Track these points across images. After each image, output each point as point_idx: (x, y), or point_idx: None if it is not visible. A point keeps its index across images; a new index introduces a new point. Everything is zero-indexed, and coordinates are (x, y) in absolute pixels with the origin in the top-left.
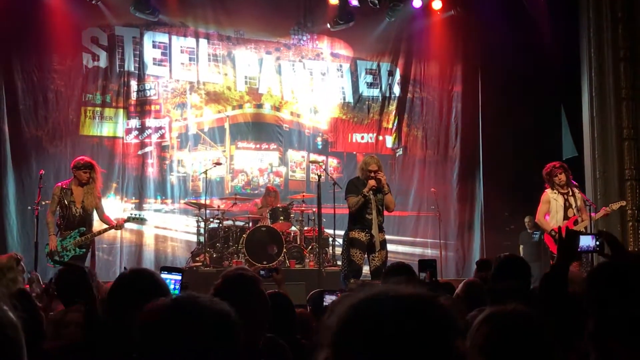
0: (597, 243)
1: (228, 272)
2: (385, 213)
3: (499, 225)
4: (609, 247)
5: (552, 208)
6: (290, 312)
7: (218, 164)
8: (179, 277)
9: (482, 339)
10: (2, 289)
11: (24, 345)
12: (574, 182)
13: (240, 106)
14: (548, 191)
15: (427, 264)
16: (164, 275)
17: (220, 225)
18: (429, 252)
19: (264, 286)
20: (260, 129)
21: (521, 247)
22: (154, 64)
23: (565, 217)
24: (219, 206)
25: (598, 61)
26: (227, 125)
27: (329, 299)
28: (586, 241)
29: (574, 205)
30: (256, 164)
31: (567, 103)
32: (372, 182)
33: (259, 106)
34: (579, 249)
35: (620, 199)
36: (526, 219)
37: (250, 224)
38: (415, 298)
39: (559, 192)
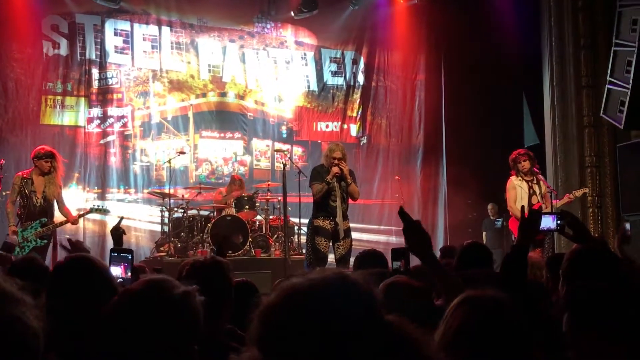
0: (559, 223)
1: (198, 259)
2: (350, 201)
3: (462, 213)
4: (571, 228)
5: (518, 194)
6: (253, 300)
7: (182, 153)
8: (130, 257)
9: (457, 322)
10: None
11: (40, 353)
12: (536, 170)
13: (204, 95)
14: (513, 178)
15: (400, 253)
16: (114, 258)
17: (185, 214)
18: (394, 240)
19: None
20: (225, 118)
21: (484, 233)
22: (116, 52)
23: (530, 205)
24: (183, 195)
25: (559, 50)
26: (190, 114)
27: None
28: (547, 221)
29: (537, 192)
30: (220, 153)
31: (528, 91)
32: (335, 169)
33: (223, 95)
34: (540, 229)
35: (581, 186)
36: (489, 206)
37: (215, 213)
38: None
39: (523, 179)
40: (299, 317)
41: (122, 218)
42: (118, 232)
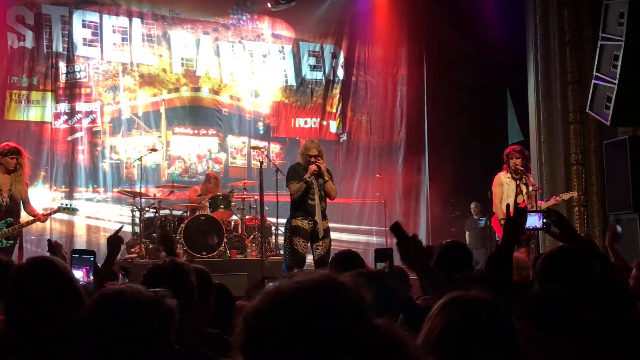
0: (544, 222)
1: (160, 263)
2: (328, 201)
3: (445, 212)
4: (557, 227)
5: (504, 192)
6: (228, 305)
7: (153, 150)
8: (92, 259)
9: (441, 324)
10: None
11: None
12: (521, 169)
13: (177, 89)
14: (502, 174)
15: (384, 254)
16: (75, 260)
17: (157, 214)
18: (374, 240)
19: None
20: (198, 114)
21: (467, 233)
22: (84, 44)
23: (515, 204)
24: (155, 195)
25: (544, 45)
26: (162, 110)
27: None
28: (533, 220)
29: (524, 192)
30: (194, 150)
31: (513, 87)
32: (312, 167)
33: (197, 89)
34: (526, 227)
35: (567, 183)
36: (472, 205)
37: (189, 213)
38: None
39: (512, 176)
40: (285, 322)
41: (122, 226)
42: (115, 243)
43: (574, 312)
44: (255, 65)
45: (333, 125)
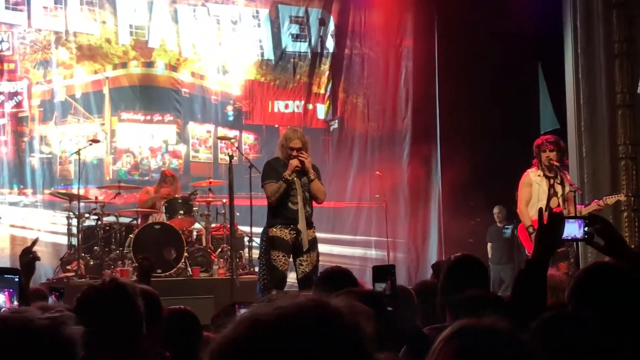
0: (586, 230)
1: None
2: (314, 205)
3: (462, 218)
4: (602, 237)
5: (534, 194)
6: (194, 336)
7: (95, 141)
8: (17, 279)
9: (449, 357)
10: None
11: None
12: (556, 164)
13: (124, 65)
14: (531, 172)
15: (385, 272)
16: None
17: (100, 222)
18: (374, 254)
19: (141, 300)
20: (151, 95)
21: (489, 245)
22: (7, 7)
23: (548, 209)
24: (97, 197)
25: (585, 8)
26: (106, 90)
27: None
28: (571, 229)
29: (560, 194)
30: (146, 141)
31: (545, 62)
32: (294, 162)
33: (149, 65)
34: (563, 238)
35: (613, 182)
36: (495, 210)
37: (140, 220)
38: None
39: (544, 174)
40: (264, 358)
41: (37, 239)
42: (27, 260)
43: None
44: (223, 35)
45: (321, 110)
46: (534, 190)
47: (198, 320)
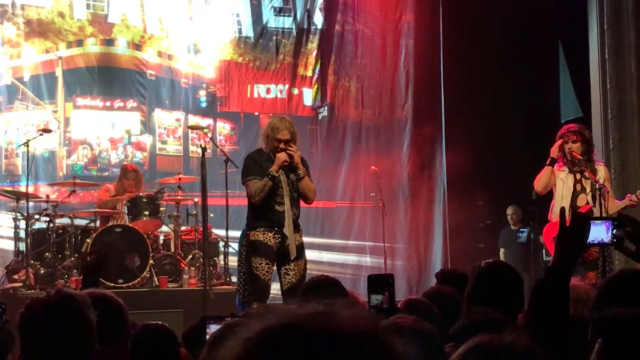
0: (614, 233)
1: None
2: (303, 205)
3: (470, 220)
4: (633, 241)
5: (558, 191)
6: (171, 355)
7: (46, 131)
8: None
9: None
10: None
11: None
12: (578, 157)
13: (80, 42)
14: (556, 170)
15: (382, 282)
16: None
17: (51, 225)
18: (369, 261)
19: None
20: (112, 78)
21: (502, 251)
22: None
23: (574, 207)
24: (48, 196)
25: None
26: (59, 72)
27: (214, 329)
28: (598, 231)
29: (587, 191)
30: (106, 131)
31: (567, 40)
32: (282, 156)
33: (109, 43)
34: (588, 242)
35: None
36: (509, 211)
37: (98, 222)
38: (345, 330)
39: (569, 169)
40: None
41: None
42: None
43: None
44: (195, 8)
45: (308, 95)
46: (558, 187)
47: (175, 337)
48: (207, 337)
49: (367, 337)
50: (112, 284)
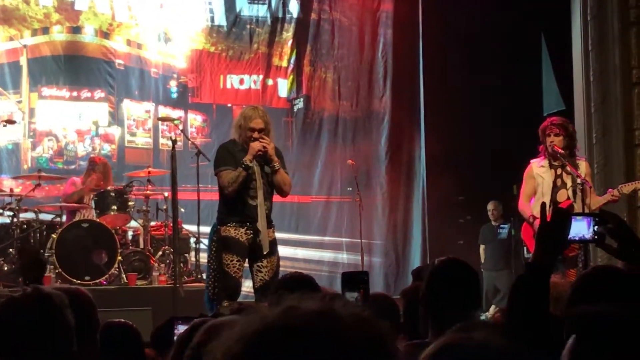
0: (596, 230)
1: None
2: (277, 199)
3: (450, 216)
4: (614, 238)
5: (538, 187)
6: (135, 354)
7: (10, 122)
8: None
9: None
10: None
11: None
12: (560, 152)
13: (46, 30)
14: (534, 162)
15: (356, 279)
16: None
17: (15, 219)
18: (345, 258)
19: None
20: (79, 67)
21: (482, 247)
22: None
23: (555, 202)
24: (12, 189)
25: None
26: (24, 61)
27: (182, 330)
28: (579, 227)
29: (568, 186)
30: (72, 122)
31: (550, 31)
32: (256, 145)
33: (76, 30)
34: (569, 238)
35: (628, 173)
36: (489, 206)
37: (65, 217)
38: (346, 323)
39: (550, 164)
40: None
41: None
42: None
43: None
44: None
45: (283, 86)
46: (538, 184)
47: (140, 336)
48: (175, 337)
49: (371, 339)
50: (79, 281)
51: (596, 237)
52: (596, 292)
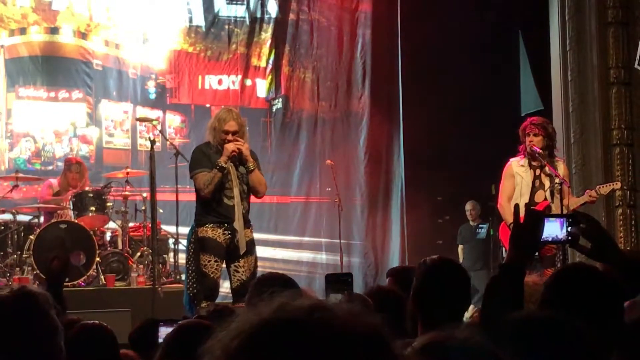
0: (569, 230)
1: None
2: (255, 200)
3: (428, 216)
4: (588, 238)
5: (517, 187)
6: (110, 356)
7: None
8: None
9: None
10: None
11: None
12: (539, 152)
13: (23, 30)
14: (514, 161)
15: (340, 281)
16: None
17: None
18: (324, 259)
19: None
20: (56, 68)
21: (461, 247)
22: None
23: (532, 203)
24: None
25: None
26: (1, 61)
27: (164, 332)
28: (552, 228)
29: (547, 187)
30: (50, 123)
31: (527, 30)
32: (230, 147)
33: (53, 31)
34: (542, 239)
35: (606, 173)
36: (468, 206)
37: (42, 218)
38: (346, 322)
39: (529, 163)
40: None
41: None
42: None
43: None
44: None
45: (262, 87)
46: (517, 183)
47: (114, 338)
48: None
49: (370, 335)
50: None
51: (569, 237)
52: (569, 290)
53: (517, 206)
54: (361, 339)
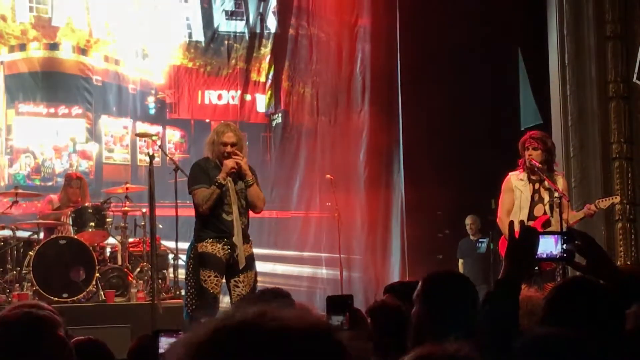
0: (564, 247)
1: (6, 314)
2: (253, 215)
3: (429, 230)
4: (583, 255)
5: (516, 200)
6: None
7: None
8: None
9: None
10: None
11: None
12: (538, 166)
13: (23, 47)
14: (513, 175)
15: (342, 303)
16: None
17: None
18: (324, 273)
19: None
20: (56, 83)
21: (461, 261)
22: None
23: (532, 217)
24: None
25: None
26: (0, 77)
27: (165, 343)
28: (547, 244)
29: (546, 201)
30: (50, 138)
31: (526, 46)
32: (230, 163)
33: (53, 47)
34: (537, 256)
35: (605, 187)
36: (468, 220)
37: (42, 234)
38: (306, 329)
39: (528, 177)
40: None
41: None
42: None
43: None
44: (144, 12)
45: (261, 102)
46: (516, 197)
47: (109, 352)
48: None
49: (319, 334)
50: (56, 299)
51: (564, 254)
52: (569, 304)
53: (512, 223)
54: (304, 333)
